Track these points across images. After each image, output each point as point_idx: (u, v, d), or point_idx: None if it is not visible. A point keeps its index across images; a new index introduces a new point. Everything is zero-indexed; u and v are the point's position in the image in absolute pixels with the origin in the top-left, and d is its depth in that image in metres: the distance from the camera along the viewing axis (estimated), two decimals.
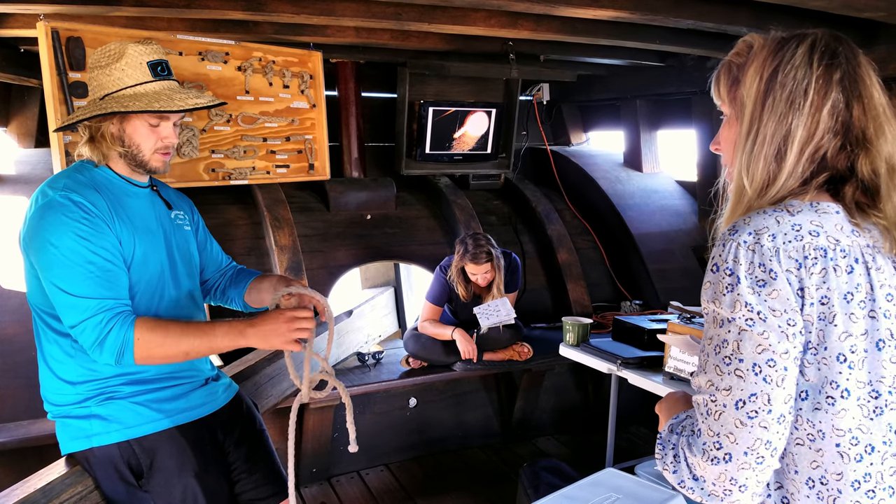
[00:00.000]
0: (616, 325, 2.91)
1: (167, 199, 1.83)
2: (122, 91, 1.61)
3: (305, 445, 3.21)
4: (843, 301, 0.92)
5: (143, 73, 1.62)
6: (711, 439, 0.91)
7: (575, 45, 3.46)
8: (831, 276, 0.92)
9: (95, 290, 1.51)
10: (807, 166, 0.97)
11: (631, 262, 4.24)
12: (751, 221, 0.95)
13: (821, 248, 0.92)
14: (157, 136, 1.66)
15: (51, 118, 2.63)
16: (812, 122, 0.96)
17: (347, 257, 3.69)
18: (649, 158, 4.66)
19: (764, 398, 0.89)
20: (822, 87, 0.96)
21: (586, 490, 1.99)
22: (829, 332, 0.91)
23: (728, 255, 0.93)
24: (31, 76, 3.15)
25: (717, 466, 0.91)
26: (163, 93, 1.64)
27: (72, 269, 1.50)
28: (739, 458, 0.89)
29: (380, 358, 3.52)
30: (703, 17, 2.66)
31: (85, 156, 1.66)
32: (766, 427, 0.89)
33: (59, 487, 1.58)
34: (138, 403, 1.66)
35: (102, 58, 1.63)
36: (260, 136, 3.36)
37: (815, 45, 0.97)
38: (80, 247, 1.51)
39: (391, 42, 3.22)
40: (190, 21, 2.89)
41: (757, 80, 0.99)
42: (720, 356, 0.92)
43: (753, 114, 0.99)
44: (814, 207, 0.96)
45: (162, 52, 1.69)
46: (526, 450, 3.71)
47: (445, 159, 4.15)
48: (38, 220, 1.54)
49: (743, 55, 1.04)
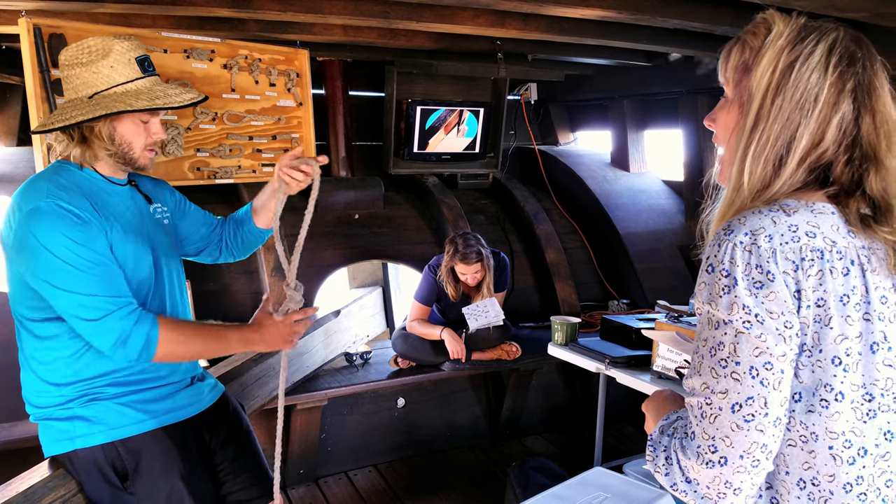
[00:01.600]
0: (604, 325, 2.91)
1: (146, 193, 1.80)
2: (114, 89, 1.58)
3: (293, 446, 3.18)
4: (839, 303, 0.90)
5: (132, 69, 1.60)
6: (706, 442, 0.90)
7: (562, 45, 3.46)
8: (828, 277, 0.90)
9: (105, 289, 1.50)
10: (804, 176, 0.95)
11: (618, 261, 4.26)
12: (746, 221, 0.92)
13: (817, 250, 0.91)
14: (147, 132, 1.65)
15: (33, 116, 2.59)
16: (818, 130, 0.93)
17: (335, 257, 3.67)
18: (636, 158, 4.68)
19: (761, 401, 0.88)
20: (833, 97, 0.92)
21: (575, 489, 2.00)
22: (824, 335, 0.90)
23: (724, 256, 0.91)
24: (12, 73, 3.11)
25: (711, 470, 0.89)
26: (155, 89, 1.62)
27: (76, 271, 1.48)
28: (735, 461, 0.88)
29: (368, 358, 3.50)
30: (690, 17, 2.67)
31: (76, 156, 1.62)
32: (763, 430, 0.88)
33: (41, 491, 1.56)
34: (123, 404, 1.64)
35: (82, 54, 1.58)
36: (246, 135, 3.33)
37: (834, 47, 0.93)
38: (79, 250, 1.49)
39: (379, 41, 3.20)
40: (175, 18, 2.86)
41: (769, 73, 0.94)
42: (716, 359, 0.91)
43: (761, 110, 0.94)
44: (809, 207, 0.94)
45: (143, 46, 1.67)
46: (514, 449, 3.71)
47: (433, 158, 4.14)
48: (25, 227, 1.50)
49: (759, 37, 0.97)
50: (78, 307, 1.49)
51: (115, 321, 1.49)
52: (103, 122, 1.59)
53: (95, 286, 1.50)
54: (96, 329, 1.49)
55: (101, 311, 1.49)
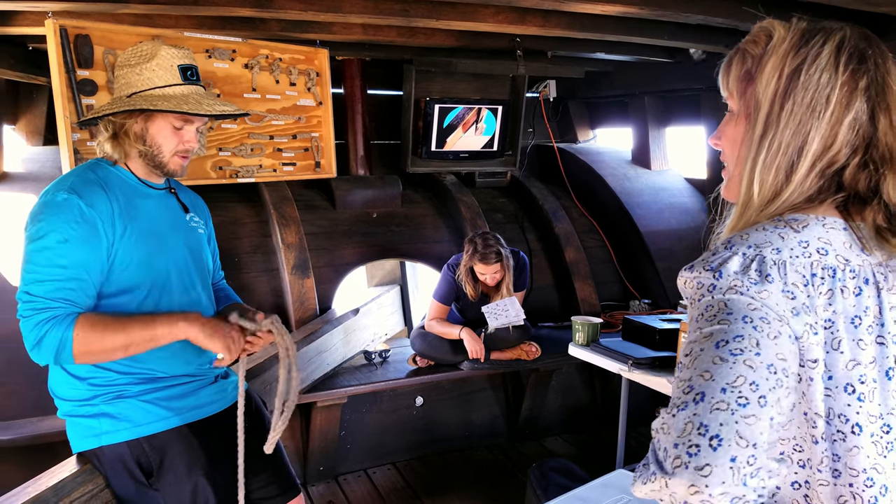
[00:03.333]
0: (626, 325, 2.88)
1: (184, 203, 1.83)
2: (151, 91, 1.63)
3: (312, 444, 3.20)
4: (849, 325, 0.82)
5: (173, 75, 1.64)
6: (679, 389, 0.76)
7: (583, 41, 3.44)
8: (838, 297, 0.82)
9: (52, 292, 1.49)
10: (814, 182, 0.88)
11: (639, 260, 4.22)
12: (749, 238, 0.85)
13: (829, 268, 0.83)
14: (179, 138, 1.68)
15: (59, 116, 2.63)
16: (830, 133, 0.86)
17: (353, 255, 3.68)
18: (658, 155, 4.63)
19: (752, 341, 0.76)
20: (845, 96, 0.85)
21: (597, 491, 1.98)
22: (833, 360, 0.81)
23: (715, 262, 0.84)
24: (39, 74, 3.15)
25: (683, 412, 0.74)
26: (191, 96, 1.65)
27: (40, 266, 1.50)
28: (715, 395, 0.73)
29: (386, 356, 3.51)
30: (713, 13, 2.64)
31: (108, 152, 1.67)
32: (753, 367, 0.75)
33: (69, 486, 1.58)
34: (147, 401, 1.65)
35: (133, 57, 1.65)
36: (267, 134, 3.35)
37: (842, 45, 0.87)
38: (59, 249, 1.50)
39: (398, 39, 3.21)
40: (198, 18, 2.88)
41: (776, 79, 0.87)
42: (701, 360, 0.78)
43: (770, 117, 0.88)
44: (820, 222, 0.86)
45: (192, 57, 1.72)
46: (533, 449, 3.70)
47: (451, 157, 4.13)
48: (33, 215, 1.55)
49: (760, 45, 0.91)
50: (20, 302, 1.50)
51: (32, 323, 1.47)
52: (136, 120, 1.64)
53: (46, 288, 1.49)
54: (22, 327, 1.49)
55: (29, 311, 1.48)
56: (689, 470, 0.69)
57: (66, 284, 1.51)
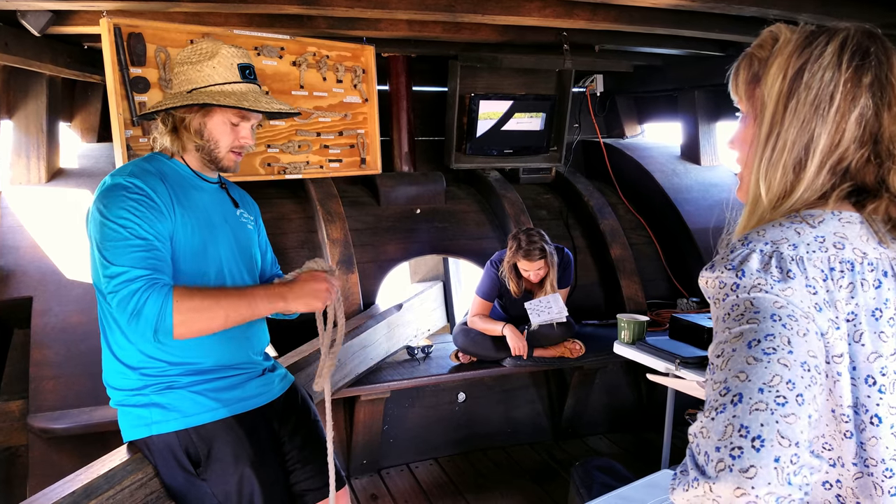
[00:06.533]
0: (673, 323, 2.83)
1: (234, 198, 1.87)
2: (211, 87, 1.68)
3: (356, 437, 3.23)
4: (870, 318, 0.83)
5: (232, 73, 1.69)
6: (714, 388, 0.76)
7: (631, 35, 3.37)
8: (859, 291, 0.83)
9: (138, 262, 1.50)
10: (827, 178, 0.88)
11: (687, 257, 4.12)
12: (766, 233, 0.86)
13: (847, 261, 0.84)
14: (235, 134, 1.72)
15: (113, 113, 2.71)
16: (836, 130, 0.87)
17: (397, 251, 3.70)
18: (707, 151, 4.52)
19: (783, 339, 0.76)
20: (850, 92, 0.86)
21: (642, 491, 1.94)
22: (855, 352, 0.82)
23: (735, 260, 0.84)
24: (94, 72, 3.25)
25: (722, 414, 0.73)
26: (249, 94, 1.70)
27: (119, 241, 1.51)
28: (753, 396, 0.72)
29: (429, 352, 3.51)
30: (768, 5, 2.55)
31: (166, 145, 1.72)
32: (787, 366, 0.74)
33: (120, 474, 1.62)
34: (197, 392, 1.68)
35: (194, 55, 1.70)
36: (314, 131, 3.39)
37: (845, 44, 0.87)
38: (132, 223, 1.53)
39: (443, 35, 3.20)
40: (247, 16, 2.93)
41: (780, 79, 0.89)
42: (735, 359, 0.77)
43: (774, 116, 0.89)
44: (836, 216, 0.87)
45: (250, 56, 1.76)
46: (576, 448, 3.66)
47: (495, 153, 4.11)
48: (99, 200, 1.58)
49: (766, 48, 0.93)
50: (105, 278, 1.50)
51: (128, 294, 1.47)
52: (195, 115, 1.68)
53: (131, 259, 1.49)
54: (115, 301, 1.48)
55: (120, 285, 1.48)
56: (733, 473, 0.68)
57: (151, 254, 1.53)
